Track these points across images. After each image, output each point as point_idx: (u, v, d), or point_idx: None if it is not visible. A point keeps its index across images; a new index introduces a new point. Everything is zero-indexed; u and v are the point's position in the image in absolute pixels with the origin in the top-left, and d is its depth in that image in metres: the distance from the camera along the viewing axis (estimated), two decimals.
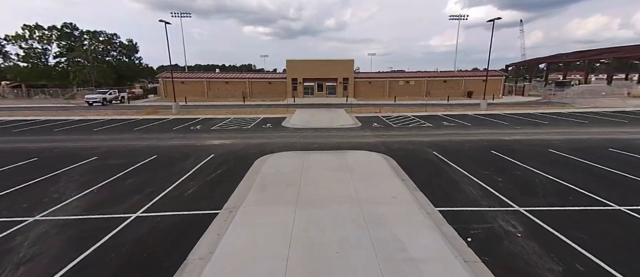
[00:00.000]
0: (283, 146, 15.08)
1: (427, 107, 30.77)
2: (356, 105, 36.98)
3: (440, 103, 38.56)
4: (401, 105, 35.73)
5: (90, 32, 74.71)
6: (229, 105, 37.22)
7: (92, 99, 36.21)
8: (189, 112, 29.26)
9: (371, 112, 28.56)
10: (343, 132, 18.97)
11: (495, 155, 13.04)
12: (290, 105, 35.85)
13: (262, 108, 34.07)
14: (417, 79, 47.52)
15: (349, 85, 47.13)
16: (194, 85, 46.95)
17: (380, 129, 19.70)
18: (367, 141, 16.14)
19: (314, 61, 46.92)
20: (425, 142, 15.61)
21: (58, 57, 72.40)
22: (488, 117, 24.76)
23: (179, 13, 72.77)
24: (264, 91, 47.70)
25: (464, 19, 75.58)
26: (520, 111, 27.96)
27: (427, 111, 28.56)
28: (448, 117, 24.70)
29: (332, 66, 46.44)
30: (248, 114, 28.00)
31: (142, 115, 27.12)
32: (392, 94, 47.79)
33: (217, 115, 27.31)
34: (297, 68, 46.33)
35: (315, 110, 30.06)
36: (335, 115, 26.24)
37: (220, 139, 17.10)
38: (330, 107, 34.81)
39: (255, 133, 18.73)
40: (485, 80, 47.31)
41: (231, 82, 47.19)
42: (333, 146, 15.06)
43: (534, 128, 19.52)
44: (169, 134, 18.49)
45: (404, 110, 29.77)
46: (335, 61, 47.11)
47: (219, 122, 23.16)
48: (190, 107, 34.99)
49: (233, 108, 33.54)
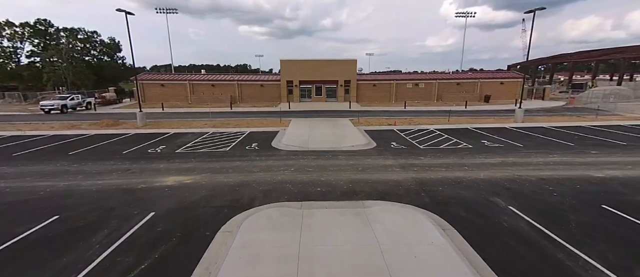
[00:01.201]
0: (270, 190, 9.83)
1: (450, 117, 25.65)
2: (363, 113, 31.82)
3: (457, 109, 33.53)
4: (415, 113, 30.61)
5: (68, 30, 68.75)
6: (212, 112, 31.81)
7: (48, 106, 30.53)
8: (158, 124, 23.82)
9: (383, 123, 23.36)
10: (355, 158, 13.73)
11: (616, 215, 7.92)
12: (285, 114, 30.56)
13: (251, 116, 28.73)
14: (427, 82, 42.49)
15: (351, 89, 41.95)
16: (175, 89, 41.44)
17: (404, 153, 14.51)
18: (393, 178, 10.93)
19: (311, 61, 41.67)
20: (483, 182, 10.45)
21: (30, 56, 66.28)
22: (533, 132, 19.70)
23: (165, 9, 67.23)
24: (255, 95, 42.34)
25: (471, 16, 71.12)
26: (565, 123, 22.94)
27: (451, 122, 23.44)
28: (483, 133, 19.60)
29: (332, 67, 41.24)
30: (232, 126, 22.67)
31: (96, 129, 21.64)
32: (399, 98, 42.71)
33: (191, 128, 21.93)
34: (293, 69, 41.05)
35: (314, 121, 24.80)
36: (340, 129, 21.01)
37: (179, 173, 11.78)
38: (331, 115, 29.58)
39: (232, 161, 13.42)
40: (502, 83, 42.60)
41: (218, 85, 41.75)
42: (346, 190, 9.84)
43: (617, 153, 14.46)
44: (111, 163, 13.12)
45: (422, 120, 24.62)
46: (336, 61, 41.90)
47: (190, 140, 17.82)
48: (165, 116, 29.53)
49: (216, 117, 28.16)
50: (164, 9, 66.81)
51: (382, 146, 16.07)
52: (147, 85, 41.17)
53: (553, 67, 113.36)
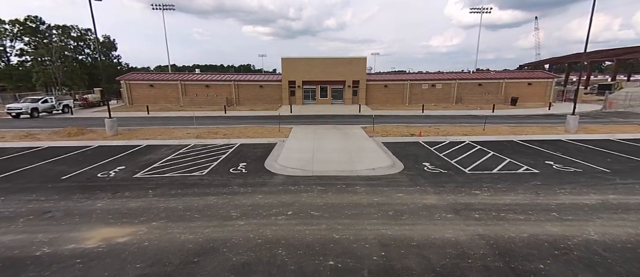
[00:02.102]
0: (249, 263, 5.71)
1: (485, 125, 21.36)
2: (376, 118, 27.65)
3: (484, 114, 29.21)
4: (436, 119, 26.36)
5: (60, 27, 65.43)
6: (201, 117, 27.93)
7: (15, 109, 26.78)
8: (132, 133, 19.87)
9: (404, 133, 19.16)
10: (380, 191, 9.59)
11: None
12: (285, 119, 26.53)
13: (246, 123, 24.71)
14: (445, 82, 38.15)
15: (360, 90, 37.78)
16: (166, 90, 37.60)
17: (446, 181, 10.33)
18: (449, 238, 6.76)
19: (316, 59, 37.59)
20: (607, 250, 6.22)
21: (20, 55, 63.11)
22: (602, 146, 15.39)
23: (161, 5, 63.66)
24: (254, 97, 38.37)
25: (487, 12, 66.52)
26: (634, 134, 18.52)
27: (487, 132, 19.17)
28: (536, 148, 15.34)
29: (339, 66, 37.11)
30: (220, 136, 18.65)
31: (55, 140, 17.74)
32: (413, 100, 38.46)
33: (170, 139, 17.95)
34: (295, 68, 37.00)
35: (320, 130, 20.70)
36: (352, 141, 16.87)
37: (117, 220, 7.74)
38: (339, 120, 25.45)
39: (204, 196, 9.37)
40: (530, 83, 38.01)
41: (213, 86, 37.84)
42: (377, 268, 5.67)
43: None
44: (30, 199, 9.13)
45: (451, 130, 20.38)
46: (343, 59, 37.77)
47: (161, 158, 13.83)
48: (147, 121, 25.61)
49: (204, 123, 24.19)
50: (160, 5, 63.17)
51: (413, 169, 11.91)
52: (135, 86, 37.40)
53: (569, 67, 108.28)
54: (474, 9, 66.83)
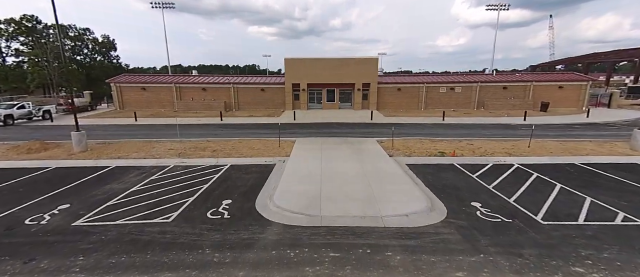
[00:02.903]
0: None
1: (531, 142, 17.81)
2: (392, 127, 24.26)
3: (515, 122, 25.57)
4: (462, 129, 22.82)
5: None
6: (192, 127, 24.88)
7: None
8: (104, 148, 16.79)
9: (431, 151, 15.72)
10: (425, 266, 6.21)
11: None
12: (287, 128, 23.29)
13: (242, 133, 21.51)
14: (465, 85, 34.46)
15: (371, 94, 34.33)
16: (159, 93, 34.59)
17: (526, 250, 6.89)
18: None
19: (322, 60, 34.25)
20: None
21: (15, 55, 61.00)
22: None
23: (161, 3, 60.99)
24: (254, 101, 35.18)
25: (504, 9, 62.48)
26: None
27: (534, 150, 15.63)
28: (618, 178, 11.82)
29: (348, 67, 33.70)
30: (208, 153, 15.47)
31: (10, 158, 14.71)
32: (430, 104, 34.88)
33: (147, 157, 14.80)
34: (300, 70, 33.71)
35: (328, 146, 17.37)
36: (370, 163, 13.50)
37: None
38: (349, 131, 22.10)
39: (154, 272, 6.09)
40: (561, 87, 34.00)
41: (210, 89, 34.75)
42: None
43: None
44: None
45: (487, 145, 16.87)
46: (352, 60, 34.37)
47: (125, 188, 10.66)
48: (130, 131, 22.55)
49: (194, 134, 21.07)
50: (159, 3, 60.51)
51: (462, 214, 8.52)
52: (126, 89, 34.49)
53: (587, 68, 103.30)
54: (491, 6, 62.89)
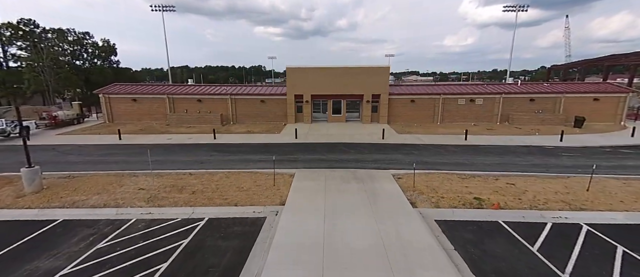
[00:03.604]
0: None
1: (590, 183, 14.40)
2: (406, 149, 21.05)
3: (549, 145, 22.07)
4: (490, 154, 19.42)
5: (56, 30, 61.42)
6: (180, 147, 22.11)
7: None
8: (62, 187, 14.01)
9: (463, 195, 12.50)
10: None
11: None
12: (286, 153, 20.29)
13: (234, 161, 18.56)
14: (487, 96, 30.96)
15: (381, 106, 31.10)
16: (151, 105, 31.93)
17: None
18: None
19: (327, 69, 31.15)
20: None
21: (14, 61, 59.46)
22: None
23: (161, 7, 58.85)
24: (253, 113, 32.28)
25: (523, 10, 58.61)
26: None
27: (597, 198, 12.27)
28: None
29: (356, 77, 30.54)
30: (186, 194, 12.54)
31: None
32: (447, 118, 31.47)
33: (108, 205, 11.93)
34: (303, 80, 30.69)
35: (333, 185, 14.26)
36: (388, 222, 10.35)
37: None
38: (358, 157, 18.96)
39: None
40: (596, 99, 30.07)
41: (206, 100, 31.97)
42: None
43: None
44: None
45: (531, 185, 13.55)
46: (361, 69, 31.20)
47: (61, 265, 7.74)
48: (107, 154, 19.79)
49: (178, 162, 18.22)
50: (159, 6, 58.37)
51: None
52: (115, 101, 31.91)
53: (607, 71, 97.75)
54: (508, 8, 59.09)
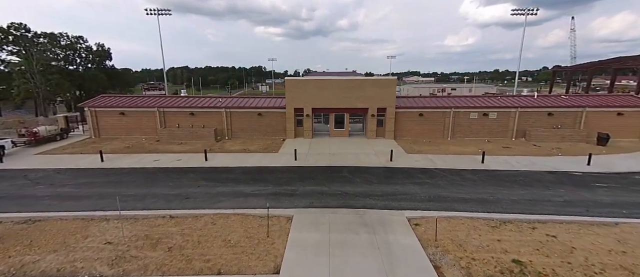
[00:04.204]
0: None
1: None
2: (418, 176, 18.87)
3: (575, 171, 19.87)
4: (519, 185, 17.16)
5: (48, 34, 59.33)
6: (165, 173, 20.04)
7: None
8: (15, 244, 11.87)
9: (495, 251, 10.34)
10: None
11: None
12: (284, 183, 18.18)
13: (226, 193, 16.42)
14: (501, 110, 28.75)
15: (388, 120, 28.92)
16: (141, 118, 29.83)
17: None
18: None
19: (329, 81, 28.98)
20: None
21: (2, 66, 57.44)
22: None
23: (156, 10, 56.75)
24: (250, 127, 30.15)
25: (533, 14, 56.26)
26: None
27: None
28: None
29: (361, 90, 28.36)
30: (160, 253, 10.43)
31: None
32: (458, 132, 29.28)
33: (67, 259, 9.81)
34: (303, 92, 28.55)
35: (337, 236, 12.16)
36: None
37: None
38: (365, 189, 16.80)
39: None
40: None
41: (199, 114, 29.86)
42: None
43: None
44: None
45: (577, 238, 11.35)
46: (366, 81, 29.08)
47: None
48: (81, 184, 17.65)
49: (159, 196, 16.10)
50: (155, 9, 56.26)
51: None
52: (103, 114, 29.80)
53: (615, 74, 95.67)
54: (516, 11, 56.76)
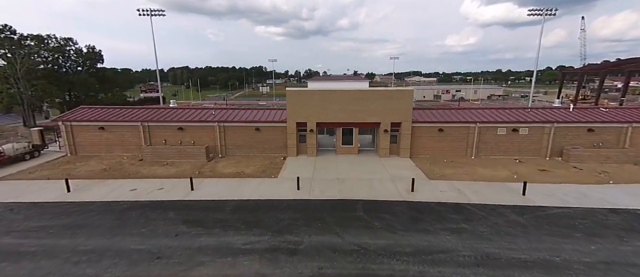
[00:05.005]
0: None
1: None
2: (456, 219, 15.30)
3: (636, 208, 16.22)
4: (580, 226, 13.48)
5: (35, 37, 55.90)
6: (140, 211, 16.54)
7: None
8: None
9: None
10: None
11: None
12: (283, 223, 14.61)
13: (212, 242, 12.84)
14: (533, 126, 25.15)
15: (403, 136, 25.35)
16: (123, 134, 26.35)
17: None
18: None
19: (336, 93, 25.37)
20: None
21: None
22: None
23: (149, 11, 53.28)
24: (247, 143, 26.65)
25: (550, 15, 52.55)
26: None
27: None
28: None
29: (372, 102, 24.80)
30: None
31: None
32: (483, 150, 25.67)
33: None
34: (306, 105, 25.02)
35: None
36: None
37: None
38: (389, 242, 13.20)
39: None
40: None
41: (189, 128, 26.37)
42: None
43: None
44: None
45: None
46: (378, 93, 25.45)
47: None
48: (26, 226, 14.11)
49: (130, 244, 12.59)
50: (148, 10, 52.83)
51: None
52: (79, 129, 26.31)
53: (629, 76, 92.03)
54: (533, 11, 53.07)
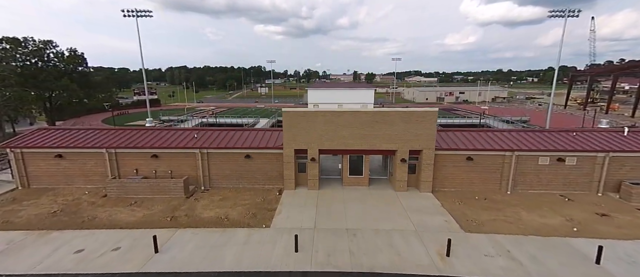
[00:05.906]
0: None
1: None
2: None
3: None
4: None
5: (10, 40, 51.34)
6: None
7: None
8: None
9: None
10: None
11: None
12: None
13: None
14: (582, 156, 20.70)
15: (425, 166, 20.87)
16: (85, 162, 21.86)
17: None
18: None
19: (342, 114, 20.88)
20: None
21: None
22: None
23: (134, 11, 48.79)
24: (236, 173, 22.19)
25: (574, 16, 48.01)
26: None
27: None
28: None
29: (387, 125, 20.31)
30: None
31: None
32: (520, 183, 21.20)
33: None
34: (307, 129, 20.55)
35: None
36: None
37: None
38: None
39: None
40: None
41: (165, 156, 21.93)
42: None
43: None
44: None
45: None
46: (394, 114, 20.80)
47: None
48: None
49: None
50: (133, 10, 48.34)
51: None
52: (32, 157, 21.79)
53: None
54: (555, 12, 48.52)
